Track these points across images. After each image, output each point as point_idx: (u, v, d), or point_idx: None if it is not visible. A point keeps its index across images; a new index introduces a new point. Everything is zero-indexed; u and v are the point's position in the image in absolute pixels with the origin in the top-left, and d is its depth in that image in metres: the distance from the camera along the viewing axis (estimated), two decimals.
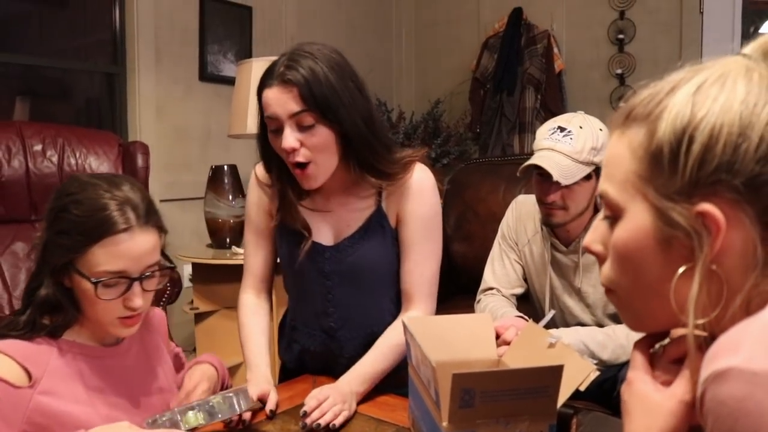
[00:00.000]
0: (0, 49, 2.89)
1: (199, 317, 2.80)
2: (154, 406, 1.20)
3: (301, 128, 1.24)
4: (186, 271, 3.02)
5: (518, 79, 3.96)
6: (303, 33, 3.84)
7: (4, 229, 2.35)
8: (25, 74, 3.09)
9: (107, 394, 1.13)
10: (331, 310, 1.42)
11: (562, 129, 1.70)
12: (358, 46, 4.33)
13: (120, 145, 2.57)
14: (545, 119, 3.68)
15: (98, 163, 2.47)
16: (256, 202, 1.47)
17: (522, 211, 1.95)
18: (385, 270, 1.43)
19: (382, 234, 1.39)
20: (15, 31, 3.03)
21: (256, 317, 1.48)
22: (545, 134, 1.73)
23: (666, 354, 0.70)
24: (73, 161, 2.44)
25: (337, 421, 1.21)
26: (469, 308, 2.10)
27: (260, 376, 1.34)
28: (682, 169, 0.60)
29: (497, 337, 1.59)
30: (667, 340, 0.73)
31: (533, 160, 1.69)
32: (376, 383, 1.36)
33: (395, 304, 1.47)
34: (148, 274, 1.10)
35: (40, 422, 1.03)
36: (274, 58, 1.29)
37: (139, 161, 2.51)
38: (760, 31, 3.54)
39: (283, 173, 1.36)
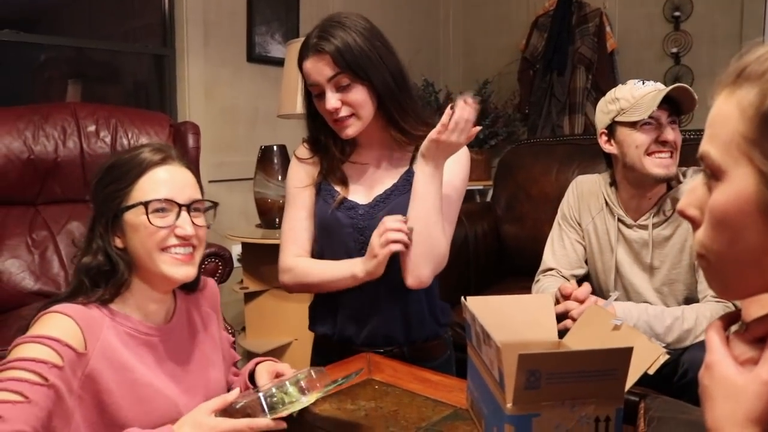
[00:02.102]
0: (52, 32, 2.93)
1: (249, 297, 2.82)
2: (200, 383, 1.21)
3: (339, 89, 1.40)
4: (235, 251, 3.04)
5: (569, 59, 3.87)
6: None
7: (60, 208, 2.40)
8: (76, 57, 3.13)
9: (154, 370, 1.14)
10: None
11: (642, 80, 1.73)
12: (405, 27, 4.29)
13: (171, 126, 2.59)
14: (596, 100, 3.57)
15: None
16: (300, 179, 1.55)
17: (584, 190, 1.91)
18: None
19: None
20: (66, 15, 3.08)
21: (314, 260, 1.51)
22: (638, 86, 1.71)
23: (749, 332, 0.66)
24: (125, 141, 2.47)
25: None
26: (520, 290, 2.07)
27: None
28: None
29: (568, 297, 1.58)
30: (740, 322, 0.69)
31: (663, 93, 1.64)
32: None
33: None
34: (195, 207, 1.15)
35: (91, 389, 1.04)
36: None
37: (190, 141, 2.53)
38: None
39: (329, 135, 1.51)
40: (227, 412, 1.02)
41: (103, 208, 1.13)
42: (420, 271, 1.38)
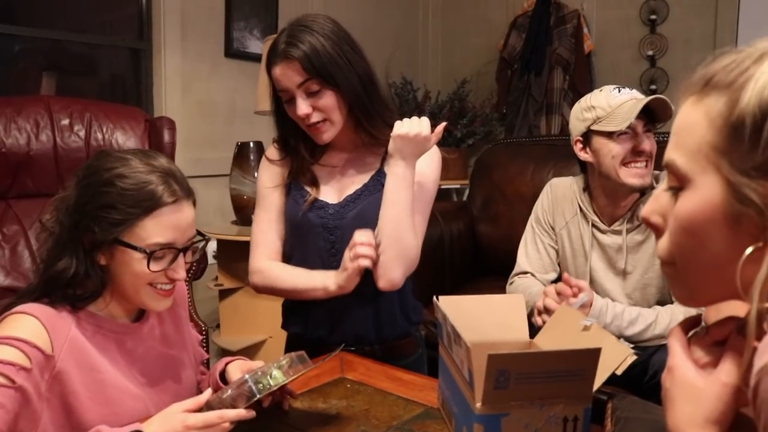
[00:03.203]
0: (27, 23, 2.89)
1: (224, 294, 2.81)
2: (171, 383, 1.20)
3: (310, 94, 1.39)
4: (210, 247, 3.02)
5: (546, 60, 3.89)
6: (329, 10, 3.79)
7: (32, 202, 2.36)
8: (51, 49, 3.09)
9: (124, 370, 1.13)
10: (335, 263, 1.44)
11: (618, 88, 1.71)
12: (384, 24, 4.29)
13: (147, 121, 2.57)
14: (573, 101, 3.61)
15: (125, 138, 2.47)
16: (270, 179, 1.54)
17: (558, 194, 1.91)
18: None
19: (382, 192, 1.44)
20: (42, 6, 3.03)
21: (288, 266, 1.50)
22: (614, 93, 1.69)
23: (710, 335, 0.67)
24: (100, 136, 2.44)
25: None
26: (494, 289, 2.08)
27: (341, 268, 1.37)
28: (765, 144, 0.55)
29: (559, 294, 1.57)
30: (701, 326, 0.70)
31: (642, 103, 1.62)
32: None
33: None
34: (189, 245, 1.12)
35: (58, 390, 1.03)
36: None
37: (166, 137, 2.51)
38: None
39: (298, 137, 1.50)
40: (212, 404, 1.01)
41: (92, 224, 1.06)
42: (392, 275, 1.40)
